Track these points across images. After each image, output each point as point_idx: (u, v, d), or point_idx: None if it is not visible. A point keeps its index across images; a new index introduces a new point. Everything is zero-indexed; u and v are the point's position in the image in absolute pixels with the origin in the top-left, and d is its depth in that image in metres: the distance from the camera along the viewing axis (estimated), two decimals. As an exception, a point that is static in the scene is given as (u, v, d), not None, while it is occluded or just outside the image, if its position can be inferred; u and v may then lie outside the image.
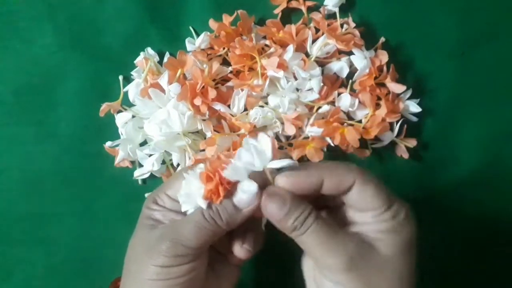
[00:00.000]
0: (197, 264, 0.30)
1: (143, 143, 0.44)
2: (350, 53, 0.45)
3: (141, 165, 0.44)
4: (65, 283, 0.46)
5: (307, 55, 0.44)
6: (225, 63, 0.45)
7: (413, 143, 0.45)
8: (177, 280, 0.29)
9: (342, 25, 0.46)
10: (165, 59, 0.46)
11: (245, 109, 0.43)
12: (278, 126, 0.43)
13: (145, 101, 0.43)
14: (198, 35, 0.46)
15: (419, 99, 0.46)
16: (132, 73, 0.46)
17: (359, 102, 0.44)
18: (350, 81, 0.44)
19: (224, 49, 0.45)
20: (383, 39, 0.46)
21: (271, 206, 0.29)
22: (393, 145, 0.46)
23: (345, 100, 0.43)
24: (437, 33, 0.48)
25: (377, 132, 0.43)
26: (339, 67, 0.44)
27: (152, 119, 0.42)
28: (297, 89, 0.43)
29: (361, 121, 0.44)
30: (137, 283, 0.30)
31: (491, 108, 0.48)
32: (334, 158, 0.46)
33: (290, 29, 0.44)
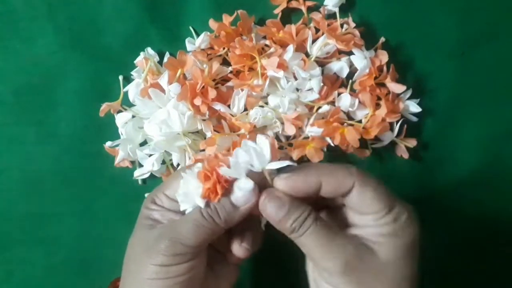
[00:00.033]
0: (196, 263, 0.30)
1: (143, 143, 0.44)
2: (350, 53, 0.45)
3: (141, 165, 0.44)
4: (65, 283, 0.46)
5: (307, 55, 0.44)
6: (225, 63, 0.45)
7: (413, 143, 0.45)
8: (176, 279, 0.29)
9: (342, 25, 0.46)
10: (165, 59, 0.46)
11: (245, 109, 0.43)
12: (278, 126, 0.43)
13: (145, 101, 0.43)
14: (198, 35, 0.46)
15: (419, 99, 0.46)
16: (132, 73, 0.46)
17: (359, 102, 0.44)
18: (350, 81, 0.44)
19: (224, 49, 0.45)
20: (383, 39, 0.46)
21: (270, 207, 0.29)
22: (393, 145, 0.46)
23: (345, 100, 0.43)
24: (437, 33, 0.48)
25: (377, 132, 0.43)
26: (339, 67, 0.44)
27: (152, 119, 0.42)
28: (297, 89, 0.43)
29: (361, 121, 0.44)
30: (136, 282, 0.30)
31: (491, 108, 0.48)
32: (334, 158, 0.46)
33: (290, 29, 0.44)
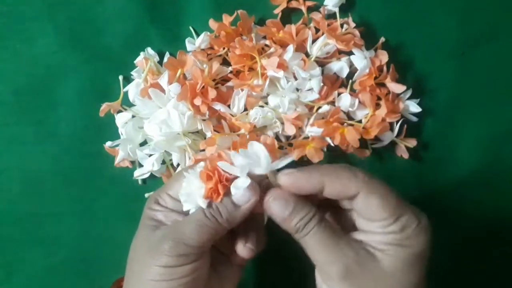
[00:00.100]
0: (199, 264, 0.30)
1: (143, 143, 0.44)
2: (350, 53, 0.45)
3: (141, 165, 0.44)
4: (65, 283, 0.46)
5: (307, 55, 0.44)
6: (225, 63, 0.45)
7: (413, 143, 0.45)
8: (180, 280, 0.29)
9: (342, 25, 0.46)
10: (165, 59, 0.46)
11: (245, 109, 0.43)
12: (278, 126, 0.43)
13: (145, 101, 0.43)
14: (198, 35, 0.46)
15: (419, 99, 0.46)
16: (132, 73, 0.46)
17: (359, 102, 0.44)
18: (350, 81, 0.44)
19: (224, 49, 0.45)
20: (383, 39, 0.46)
21: (275, 205, 0.29)
22: (393, 145, 0.46)
23: (345, 100, 0.43)
24: (437, 33, 0.48)
25: (377, 132, 0.43)
26: (339, 67, 0.44)
27: (152, 119, 0.42)
28: (297, 89, 0.43)
29: (361, 121, 0.44)
30: (140, 283, 0.30)
31: (491, 108, 0.48)
32: (334, 158, 0.46)
33: (290, 29, 0.44)
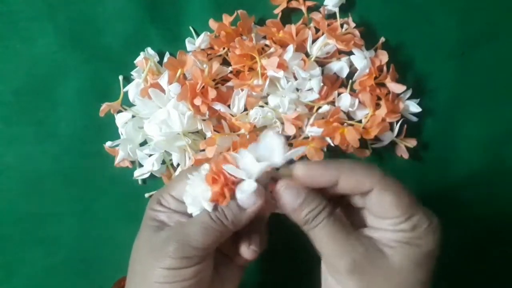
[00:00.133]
0: (203, 266, 0.30)
1: (143, 143, 0.44)
2: (350, 53, 0.45)
3: (141, 165, 0.44)
4: (65, 283, 0.46)
5: (307, 55, 0.44)
6: (225, 63, 0.45)
7: (413, 143, 0.45)
8: (184, 283, 0.29)
9: (342, 25, 0.46)
10: (165, 59, 0.46)
11: (245, 109, 0.43)
12: (278, 126, 0.43)
13: (145, 101, 0.43)
14: (198, 35, 0.46)
15: (419, 99, 0.46)
16: (132, 73, 0.46)
17: (359, 102, 0.44)
18: (350, 81, 0.44)
19: (224, 49, 0.45)
20: (383, 39, 0.46)
21: (287, 194, 0.29)
22: (393, 145, 0.46)
23: (345, 100, 0.43)
24: (437, 33, 0.48)
25: (377, 132, 0.43)
26: (339, 67, 0.44)
27: (152, 119, 0.42)
28: (297, 89, 0.43)
29: (361, 121, 0.44)
30: (143, 285, 0.30)
31: (491, 108, 0.48)
32: (334, 158, 0.46)
33: (290, 29, 0.44)
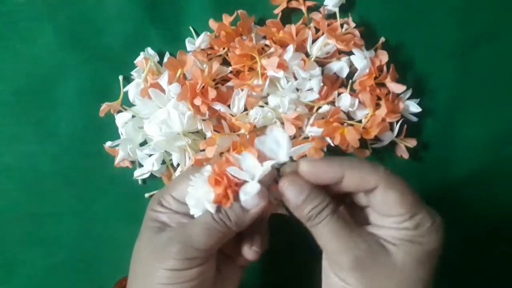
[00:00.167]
0: (206, 267, 0.30)
1: (143, 143, 0.44)
2: (350, 53, 0.45)
3: (141, 165, 0.44)
4: (65, 283, 0.46)
5: (307, 55, 0.44)
6: (225, 63, 0.45)
7: (413, 143, 0.45)
8: (187, 284, 0.29)
9: (342, 25, 0.46)
10: (165, 59, 0.46)
11: (245, 109, 0.43)
12: (278, 126, 0.43)
13: (145, 101, 0.43)
14: (198, 35, 0.46)
15: (419, 99, 0.46)
16: (132, 73, 0.46)
17: (359, 102, 0.44)
18: (350, 81, 0.44)
19: (224, 49, 0.45)
20: (383, 39, 0.46)
21: (290, 190, 0.29)
22: (393, 145, 0.46)
23: (345, 100, 0.43)
24: (437, 33, 0.48)
25: (377, 132, 0.43)
26: (339, 67, 0.44)
27: (152, 119, 0.42)
28: (297, 89, 0.43)
29: (361, 121, 0.44)
30: (145, 287, 0.30)
31: (491, 108, 0.48)
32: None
33: (290, 29, 0.44)
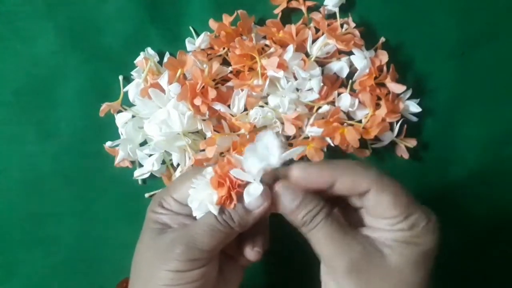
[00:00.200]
0: (209, 268, 0.30)
1: (143, 143, 0.44)
2: (350, 53, 0.45)
3: (141, 165, 0.44)
4: (65, 283, 0.46)
5: (307, 55, 0.44)
6: (225, 63, 0.45)
7: (413, 143, 0.45)
8: (190, 285, 0.29)
9: (342, 25, 0.46)
10: (165, 59, 0.46)
11: (245, 109, 0.43)
12: (278, 126, 0.43)
13: (145, 101, 0.43)
14: (198, 35, 0.46)
15: (419, 99, 0.46)
16: (132, 73, 0.46)
17: (359, 102, 0.44)
18: (350, 81, 0.44)
19: (224, 49, 0.45)
20: (383, 39, 0.46)
21: (284, 196, 0.29)
22: (393, 145, 0.46)
23: (345, 100, 0.43)
24: (437, 33, 0.48)
25: (377, 132, 0.43)
26: (339, 67, 0.44)
27: (152, 119, 0.42)
28: (297, 89, 0.43)
29: (361, 121, 0.44)
30: None
31: (491, 108, 0.48)
32: (334, 158, 0.46)
33: (290, 29, 0.44)
